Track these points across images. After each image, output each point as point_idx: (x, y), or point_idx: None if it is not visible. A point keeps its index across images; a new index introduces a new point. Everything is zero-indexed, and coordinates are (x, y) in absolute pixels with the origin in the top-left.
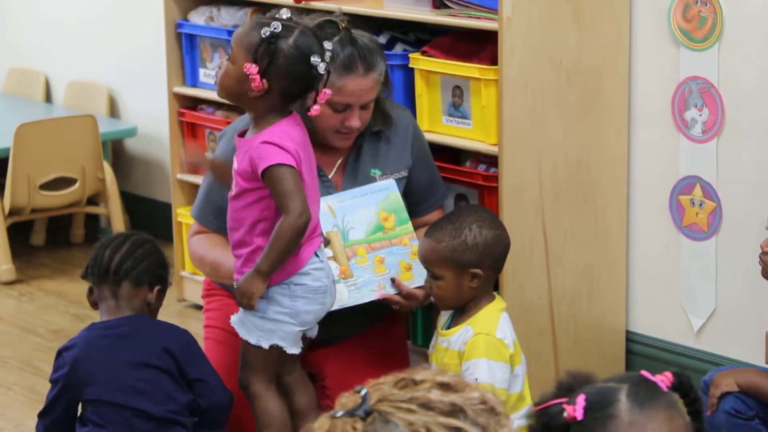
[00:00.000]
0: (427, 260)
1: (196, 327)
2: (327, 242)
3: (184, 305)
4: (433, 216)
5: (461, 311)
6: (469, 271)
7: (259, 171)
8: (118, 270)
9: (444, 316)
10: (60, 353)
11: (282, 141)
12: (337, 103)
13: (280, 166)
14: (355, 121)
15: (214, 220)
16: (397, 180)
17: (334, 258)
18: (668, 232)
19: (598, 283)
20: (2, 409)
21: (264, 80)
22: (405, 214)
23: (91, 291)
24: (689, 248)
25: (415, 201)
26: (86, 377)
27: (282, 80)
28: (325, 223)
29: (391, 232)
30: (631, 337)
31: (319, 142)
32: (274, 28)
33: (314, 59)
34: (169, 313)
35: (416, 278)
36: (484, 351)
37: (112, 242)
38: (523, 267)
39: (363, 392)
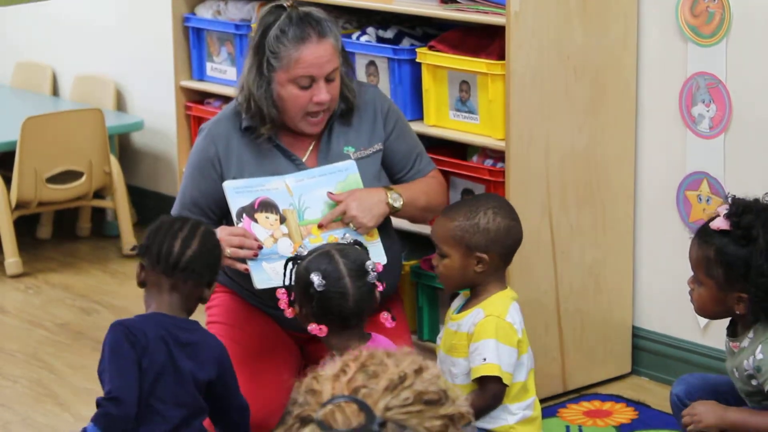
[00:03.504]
0: (437, 237)
1: (201, 320)
2: (283, 219)
3: None
4: None
5: (472, 296)
6: (476, 255)
7: None
8: (186, 267)
9: (456, 302)
10: (126, 327)
11: None
12: (301, 77)
13: None
14: (323, 95)
15: (190, 214)
16: (373, 154)
17: (289, 235)
18: (675, 227)
19: (605, 278)
20: (9, 402)
21: (296, 305)
22: None
23: (142, 268)
24: None
25: (396, 169)
26: (147, 371)
27: (306, 303)
28: (281, 201)
29: None
30: (637, 333)
31: (290, 127)
32: (299, 252)
33: (313, 276)
34: None
35: (372, 259)
36: (493, 332)
37: (180, 231)
38: (529, 262)
39: (364, 405)
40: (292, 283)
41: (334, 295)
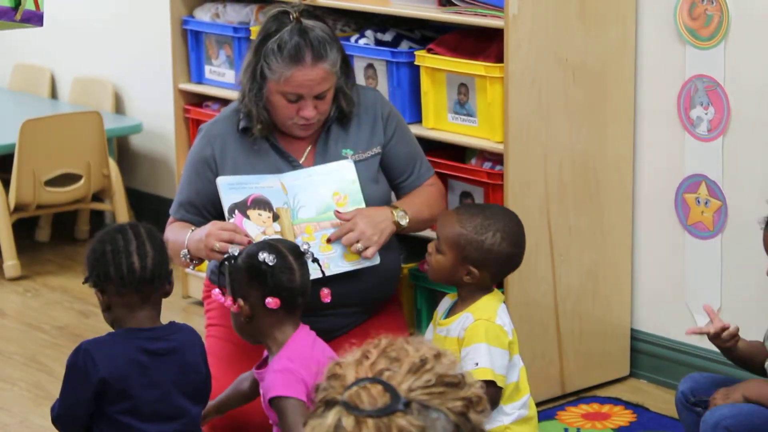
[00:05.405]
0: (442, 233)
1: (200, 323)
2: (276, 217)
3: (188, 302)
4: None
5: (459, 300)
6: (468, 267)
7: (267, 398)
8: (155, 276)
9: (442, 307)
10: (89, 352)
11: (292, 366)
12: (288, 93)
13: (286, 398)
14: (309, 111)
15: (186, 213)
16: (371, 157)
17: (282, 233)
18: (673, 230)
19: (603, 281)
20: (7, 405)
21: (239, 301)
22: (359, 196)
23: (102, 292)
24: (694, 247)
25: (396, 174)
26: (120, 393)
27: (251, 296)
28: (275, 200)
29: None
30: (635, 336)
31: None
32: (231, 253)
33: (262, 255)
34: (173, 309)
35: (362, 259)
36: (483, 336)
37: (128, 243)
38: (528, 265)
39: (389, 386)
40: (233, 276)
41: (285, 270)
